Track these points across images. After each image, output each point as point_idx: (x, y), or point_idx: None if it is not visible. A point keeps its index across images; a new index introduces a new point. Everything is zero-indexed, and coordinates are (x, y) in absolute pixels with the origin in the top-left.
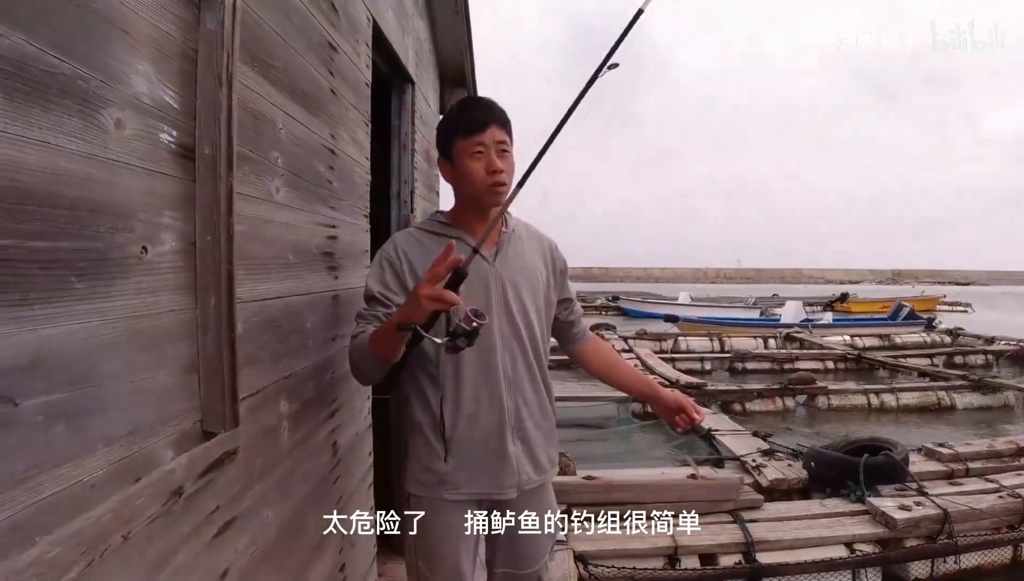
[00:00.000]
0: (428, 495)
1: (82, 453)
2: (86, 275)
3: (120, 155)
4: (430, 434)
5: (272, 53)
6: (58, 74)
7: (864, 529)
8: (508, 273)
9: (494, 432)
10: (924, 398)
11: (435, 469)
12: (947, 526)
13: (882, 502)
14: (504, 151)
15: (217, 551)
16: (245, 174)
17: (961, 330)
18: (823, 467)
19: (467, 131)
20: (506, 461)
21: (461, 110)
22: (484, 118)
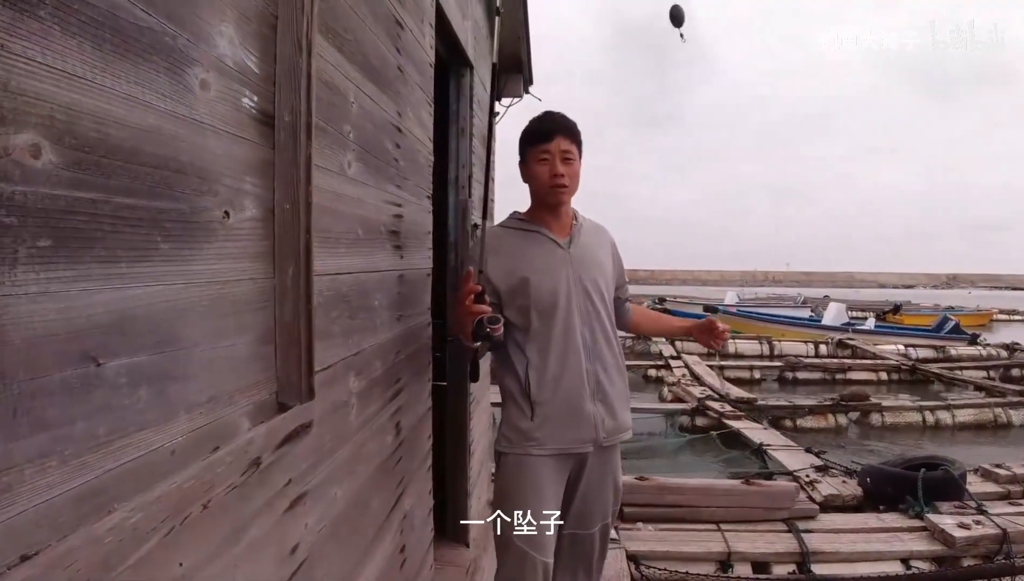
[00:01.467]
0: (514, 451)
1: (164, 418)
2: (171, 236)
3: (204, 117)
4: (519, 398)
5: (345, 25)
6: (146, 28)
7: (921, 545)
8: (580, 257)
9: (575, 394)
10: (980, 415)
11: (522, 428)
12: (1006, 546)
13: (941, 519)
14: (568, 159)
15: (288, 526)
16: (320, 146)
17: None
18: (880, 482)
19: (537, 140)
20: (585, 418)
21: (534, 122)
22: (551, 129)
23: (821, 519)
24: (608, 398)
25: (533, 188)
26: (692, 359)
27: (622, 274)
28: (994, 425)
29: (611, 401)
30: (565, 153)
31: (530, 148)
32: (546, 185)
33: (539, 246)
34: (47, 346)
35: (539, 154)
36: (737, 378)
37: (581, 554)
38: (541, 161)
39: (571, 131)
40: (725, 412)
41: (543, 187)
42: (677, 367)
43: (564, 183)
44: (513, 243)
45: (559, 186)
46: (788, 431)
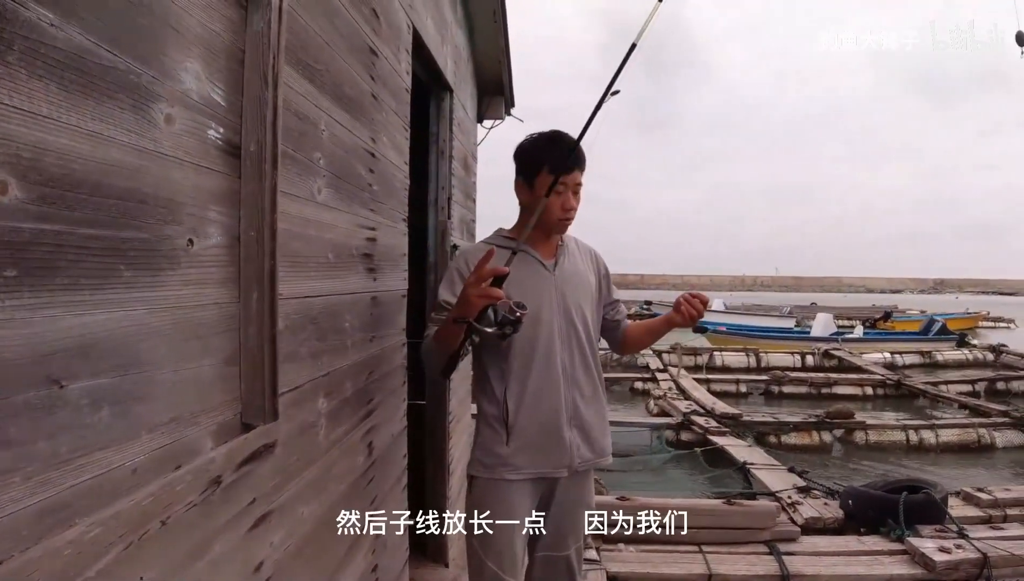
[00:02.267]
0: (489, 476)
1: (125, 438)
2: (134, 264)
3: (169, 149)
4: (494, 422)
5: (316, 56)
6: (111, 68)
7: (902, 569)
8: (565, 281)
9: (552, 420)
10: (964, 435)
11: (497, 452)
12: (986, 570)
13: (921, 543)
14: (577, 191)
15: (253, 544)
16: (289, 173)
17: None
18: (861, 505)
19: (555, 168)
20: (561, 445)
21: (553, 145)
22: (573, 163)
23: (802, 541)
24: (585, 424)
25: (543, 214)
26: (678, 372)
27: (611, 290)
28: (977, 446)
29: (587, 428)
30: (577, 186)
31: (543, 172)
32: (556, 217)
33: (524, 267)
34: (12, 370)
35: (557, 184)
36: (723, 391)
37: (556, 576)
38: (555, 192)
39: (584, 164)
40: (710, 428)
41: (552, 218)
42: (663, 380)
43: (573, 217)
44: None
45: (568, 220)
46: (773, 447)
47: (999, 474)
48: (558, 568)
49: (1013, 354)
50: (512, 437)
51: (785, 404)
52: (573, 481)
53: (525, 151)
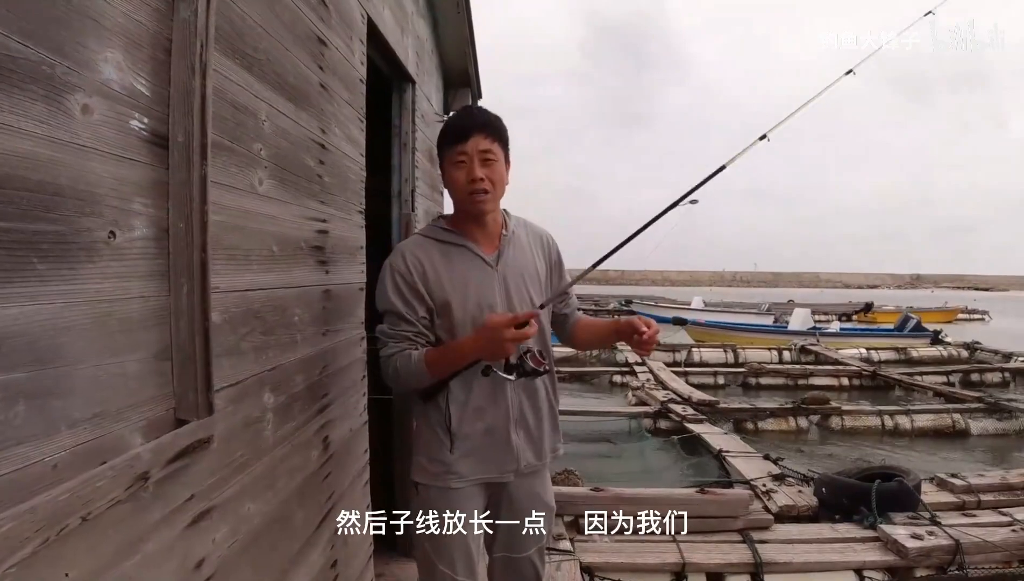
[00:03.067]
0: (435, 484)
1: (43, 433)
2: (49, 257)
3: (87, 140)
4: (438, 428)
5: (255, 45)
6: (21, 59)
7: (875, 556)
8: (511, 274)
9: (498, 425)
10: (939, 420)
11: (442, 459)
12: (959, 557)
13: (894, 529)
14: (488, 160)
15: (192, 540)
16: (225, 164)
17: (978, 344)
18: (834, 493)
19: (451, 141)
20: (508, 450)
21: (450, 120)
22: (467, 126)
23: (776, 529)
24: (530, 428)
25: (452, 195)
26: (657, 365)
27: (563, 278)
28: (952, 431)
29: (533, 431)
30: (484, 154)
31: (445, 150)
32: (464, 192)
33: (464, 263)
34: None
35: (455, 157)
36: (701, 383)
37: (518, 578)
38: (458, 164)
39: (491, 127)
40: (687, 415)
41: (461, 194)
42: (642, 373)
43: (484, 188)
44: (435, 257)
45: (478, 192)
46: (750, 433)
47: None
48: (520, 569)
49: (987, 350)
50: (456, 444)
51: (763, 395)
52: (522, 481)
53: (438, 138)
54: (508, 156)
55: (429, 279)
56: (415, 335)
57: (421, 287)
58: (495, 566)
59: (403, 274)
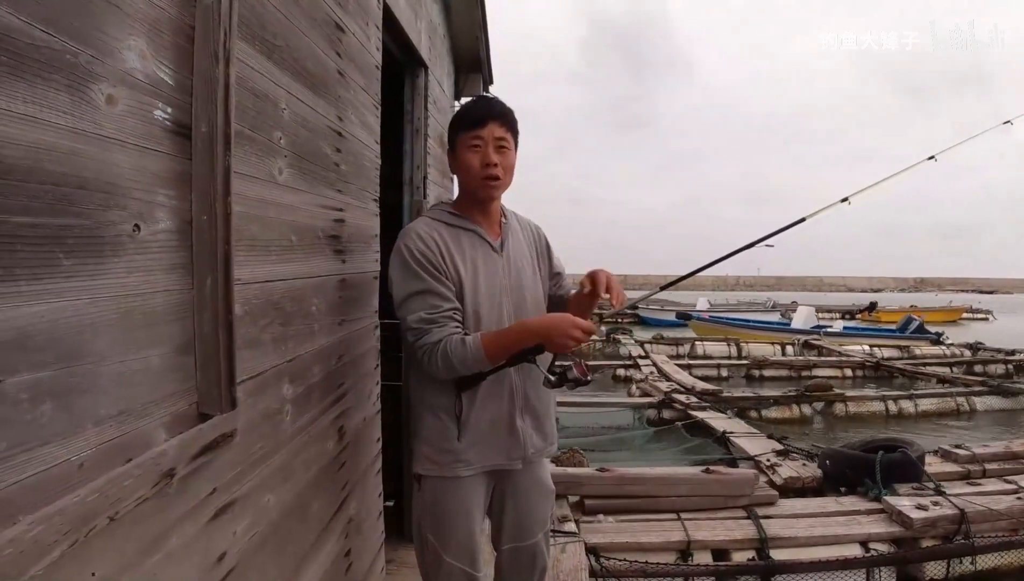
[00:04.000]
0: (441, 473)
1: (70, 432)
2: (75, 252)
3: (111, 131)
4: (445, 416)
5: (275, 32)
6: (44, 48)
7: (880, 528)
8: (513, 260)
9: (505, 411)
10: (943, 403)
11: (449, 448)
12: (964, 526)
13: (898, 501)
14: (502, 147)
15: (214, 534)
16: (245, 154)
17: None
18: (839, 465)
19: (468, 125)
20: (515, 436)
21: (466, 105)
22: (484, 114)
23: (780, 504)
24: (536, 413)
25: (462, 179)
26: (660, 359)
27: (553, 262)
28: (956, 413)
29: (539, 416)
30: (499, 141)
31: (460, 134)
32: (477, 176)
33: (474, 248)
34: None
35: (470, 141)
36: (704, 376)
37: (527, 565)
38: (472, 149)
39: (506, 117)
40: (691, 404)
41: (474, 178)
42: (645, 366)
43: (497, 174)
44: (447, 237)
45: (491, 177)
46: (754, 422)
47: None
48: (525, 557)
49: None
50: (464, 432)
51: (766, 387)
52: (527, 470)
53: (449, 124)
54: (518, 146)
55: (445, 257)
56: (456, 313)
57: (446, 261)
58: (502, 556)
59: (423, 252)
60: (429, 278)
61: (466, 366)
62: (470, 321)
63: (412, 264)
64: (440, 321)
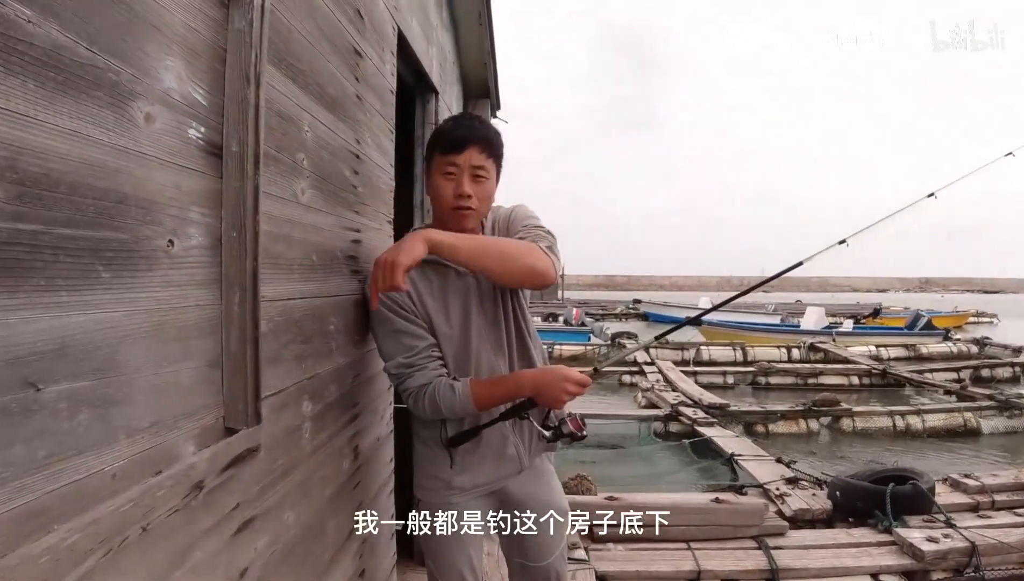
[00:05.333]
0: (436, 501)
1: (104, 442)
2: (113, 265)
3: (149, 149)
4: (435, 446)
5: (299, 56)
6: (89, 66)
7: (891, 560)
8: (485, 282)
9: (495, 433)
10: (950, 420)
11: (441, 476)
12: (975, 559)
13: (909, 533)
14: (479, 177)
15: (236, 549)
16: (271, 174)
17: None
18: (849, 497)
19: (445, 148)
20: (507, 454)
21: (446, 123)
22: (464, 137)
23: (791, 535)
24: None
25: (433, 204)
26: (666, 365)
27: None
28: (964, 430)
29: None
30: (477, 169)
31: (436, 156)
32: (448, 206)
33: (439, 278)
34: None
35: (445, 166)
36: (710, 383)
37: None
38: (447, 175)
39: (489, 143)
40: (698, 418)
41: (445, 207)
42: (651, 373)
43: (470, 205)
44: (414, 274)
45: (462, 209)
46: (760, 436)
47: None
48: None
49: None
50: (456, 459)
51: (772, 395)
52: (527, 475)
53: (429, 140)
54: (500, 173)
55: (412, 296)
56: (434, 350)
57: (411, 302)
58: (513, 573)
59: (389, 295)
60: (398, 318)
61: (454, 412)
62: (448, 357)
63: (382, 310)
64: (419, 363)
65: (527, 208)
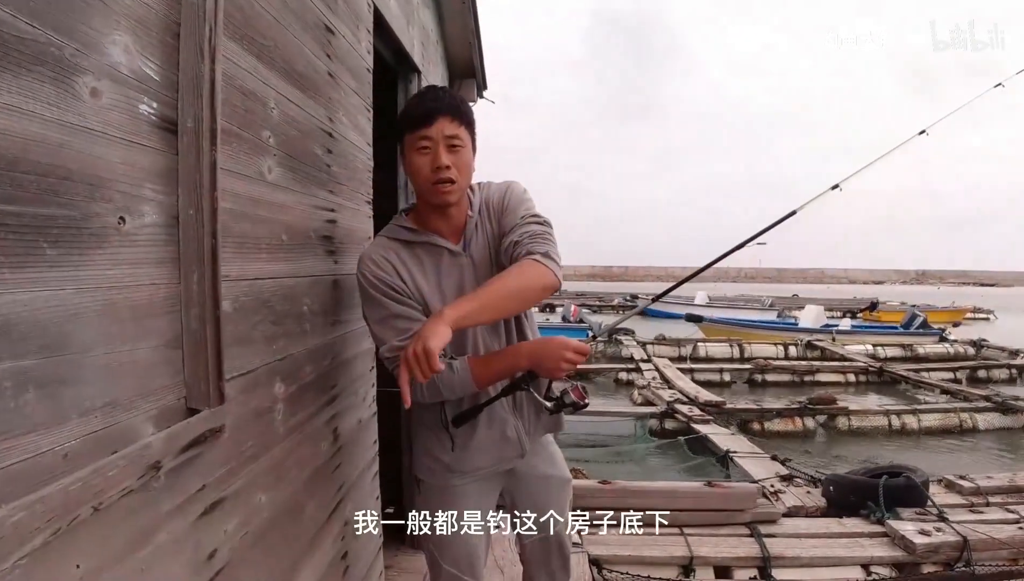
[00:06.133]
0: (436, 482)
1: (53, 422)
2: (59, 242)
3: (96, 124)
4: (436, 428)
5: (263, 31)
6: (30, 40)
7: (882, 552)
8: (478, 256)
9: (494, 414)
10: (946, 419)
11: (442, 459)
12: (966, 553)
13: (902, 525)
14: (454, 146)
15: (203, 531)
16: (234, 151)
17: (985, 341)
18: (843, 491)
19: (414, 124)
20: (508, 437)
21: (412, 100)
22: (431, 108)
23: (783, 523)
24: (524, 410)
25: (414, 184)
26: (663, 362)
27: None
28: (959, 430)
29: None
30: (451, 139)
31: (407, 134)
32: (428, 181)
33: (432, 258)
34: None
35: (417, 141)
36: (707, 380)
37: (548, 557)
38: (421, 150)
39: (457, 110)
40: (693, 416)
41: (424, 183)
42: (647, 370)
43: (450, 177)
44: (404, 257)
45: (443, 181)
46: (756, 434)
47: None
48: (548, 548)
49: (994, 347)
50: (456, 442)
51: (769, 392)
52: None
53: (397, 120)
54: (475, 142)
55: (404, 278)
56: None
57: (407, 281)
58: (525, 549)
59: (379, 276)
60: (391, 302)
61: (453, 391)
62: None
63: (371, 291)
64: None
65: (519, 189)
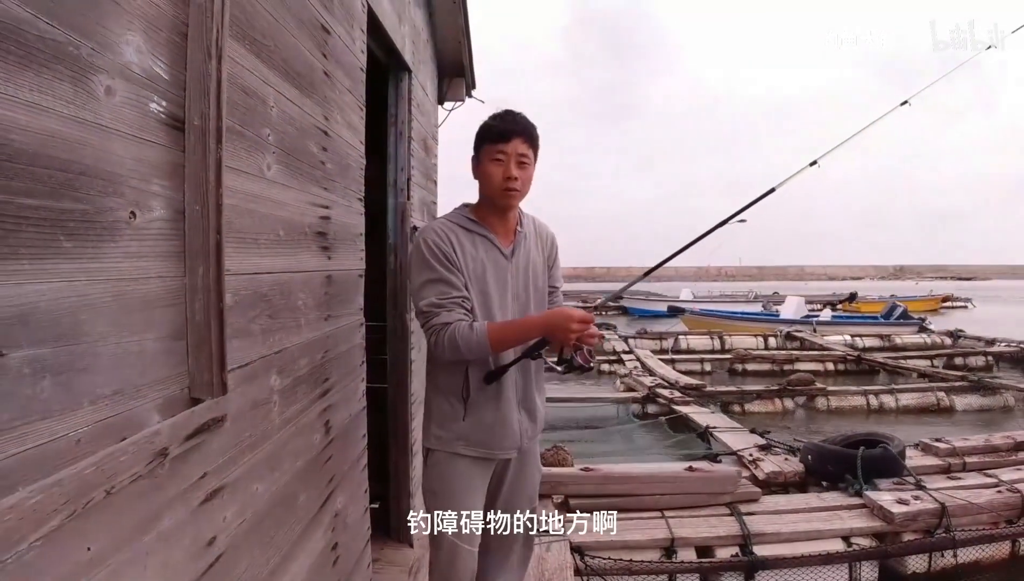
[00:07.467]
0: (445, 449)
1: (67, 408)
2: (75, 235)
3: (110, 121)
4: (453, 396)
5: (263, 31)
6: (49, 40)
7: (861, 523)
8: (521, 267)
9: (505, 401)
10: (923, 399)
11: (453, 428)
12: (945, 520)
13: (879, 496)
14: (523, 163)
15: (204, 518)
16: (236, 149)
17: (961, 332)
18: (820, 460)
19: (494, 138)
20: (511, 426)
21: (494, 119)
22: (510, 129)
23: (763, 501)
24: (532, 405)
25: (483, 187)
26: (644, 353)
27: (554, 275)
28: (937, 408)
29: (534, 408)
30: (521, 157)
31: (486, 146)
32: (498, 187)
33: (486, 252)
34: None
35: (494, 153)
36: (688, 370)
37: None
38: (495, 161)
39: (530, 134)
40: (674, 399)
41: (495, 189)
42: (629, 360)
43: (516, 187)
44: (462, 239)
45: (510, 190)
46: (736, 416)
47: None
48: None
49: (970, 338)
50: (468, 413)
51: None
52: (520, 458)
53: (476, 133)
54: (536, 161)
55: (458, 256)
56: (464, 302)
57: (459, 258)
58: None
59: (439, 246)
60: (441, 269)
61: (471, 351)
62: (486, 313)
63: (427, 256)
64: (448, 306)
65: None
